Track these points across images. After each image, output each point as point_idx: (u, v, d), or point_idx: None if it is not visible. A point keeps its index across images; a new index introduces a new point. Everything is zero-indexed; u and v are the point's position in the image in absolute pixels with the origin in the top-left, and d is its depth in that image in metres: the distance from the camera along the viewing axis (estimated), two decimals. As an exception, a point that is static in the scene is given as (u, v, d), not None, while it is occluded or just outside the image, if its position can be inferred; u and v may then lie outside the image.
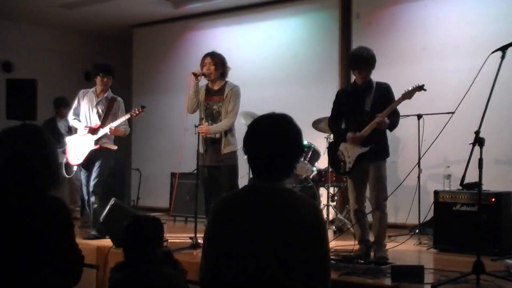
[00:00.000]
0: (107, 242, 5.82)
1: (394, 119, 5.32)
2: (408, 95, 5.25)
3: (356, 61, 5.38)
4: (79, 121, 6.58)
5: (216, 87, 5.96)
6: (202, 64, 5.96)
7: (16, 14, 10.20)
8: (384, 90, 5.41)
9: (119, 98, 6.63)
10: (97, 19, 10.52)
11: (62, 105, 8.67)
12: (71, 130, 8.57)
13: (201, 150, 5.93)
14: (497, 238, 5.60)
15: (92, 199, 6.35)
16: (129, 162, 10.55)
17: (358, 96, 5.44)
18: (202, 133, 5.84)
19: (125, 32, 11.16)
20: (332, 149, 5.66)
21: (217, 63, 5.89)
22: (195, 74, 5.87)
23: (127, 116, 6.42)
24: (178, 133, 8.04)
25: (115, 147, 6.57)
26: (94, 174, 6.43)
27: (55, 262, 2.66)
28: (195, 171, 6.29)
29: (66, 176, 7.19)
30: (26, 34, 10.80)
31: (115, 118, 6.50)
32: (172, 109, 9.72)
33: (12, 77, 9.21)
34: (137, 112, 6.44)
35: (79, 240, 6.23)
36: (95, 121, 6.48)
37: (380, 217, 5.39)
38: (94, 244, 5.90)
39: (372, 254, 5.41)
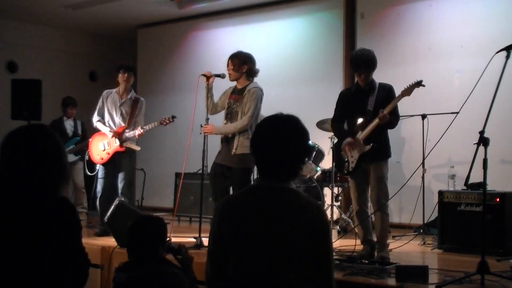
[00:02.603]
0: (111, 242, 5.83)
1: (391, 119, 5.31)
2: (407, 91, 5.26)
3: (356, 64, 5.41)
4: (103, 123, 6.70)
5: (239, 87, 5.96)
6: (227, 66, 6.00)
7: (21, 14, 10.23)
8: (387, 91, 5.42)
9: (142, 99, 6.80)
10: (102, 19, 10.54)
11: (71, 104, 8.67)
12: (77, 131, 8.61)
13: (219, 148, 5.96)
14: (502, 238, 5.58)
15: (122, 199, 6.44)
16: (134, 162, 10.55)
17: (361, 96, 5.46)
18: (206, 133, 5.86)
19: (130, 32, 11.18)
20: (337, 149, 5.68)
21: (235, 64, 5.89)
22: (205, 76, 5.90)
23: (156, 123, 6.54)
24: (182, 133, 8.05)
25: (138, 148, 6.76)
26: (121, 176, 6.62)
27: (64, 264, 2.66)
28: (200, 171, 6.30)
29: (89, 174, 7.23)
30: (31, 34, 10.83)
31: (138, 118, 6.66)
32: (176, 109, 9.68)
33: (16, 77, 9.25)
34: (168, 122, 6.54)
35: (86, 240, 6.31)
36: (119, 123, 6.62)
37: (381, 217, 5.39)
38: (99, 244, 5.92)
39: (375, 253, 5.42)
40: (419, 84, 5.26)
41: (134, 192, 9.48)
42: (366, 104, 5.39)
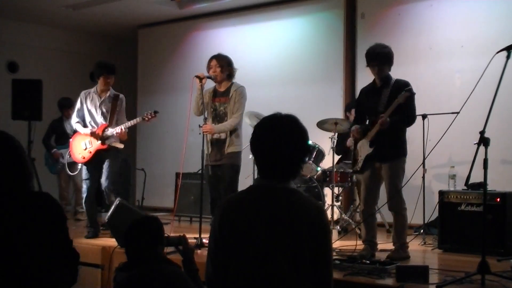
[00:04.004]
0: (112, 242, 5.83)
1: (396, 119, 5.24)
2: (401, 98, 5.20)
3: (368, 57, 5.37)
4: (83, 125, 6.63)
5: (222, 89, 6.03)
6: (209, 67, 6.03)
7: (21, 14, 10.23)
8: (401, 86, 5.29)
9: (121, 95, 6.70)
10: (103, 19, 10.54)
11: (67, 106, 8.69)
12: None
13: (207, 151, 5.98)
14: (503, 238, 5.58)
15: (113, 198, 6.42)
16: (134, 162, 10.57)
17: (375, 95, 5.42)
18: (206, 132, 5.89)
19: (130, 32, 11.18)
20: (355, 146, 5.66)
21: (223, 65, 5.96)
22: (198, 77, 5.92)
23: (139, 119, 6.46)
24: (183, 133, 8.05)
25: (122, 146, 6.64)
26: (105, 173, 6.51)
27: (53, 259, 2.68)
28: (200, 171, 6.31)
29: (70, 173, 7.23)
30: (31, 34, 10.83)
31: (119, 115, 6.59)
32: (177, 109, 9.74)
33: (17, 77, 9.24)
34: (150, 117, 6.46)
35: (86, 240, 6.31)
36: (101, 122, 6.54)
37: (395, 218, 5.40)
38: (99, 244, 5.92)
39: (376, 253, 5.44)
40: (409, 92, 5.20)
41: (128, 190, 9.45)
42: (378, 104, 5.34)
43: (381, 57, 5.32)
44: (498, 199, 5.67)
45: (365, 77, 8.16)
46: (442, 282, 4.19)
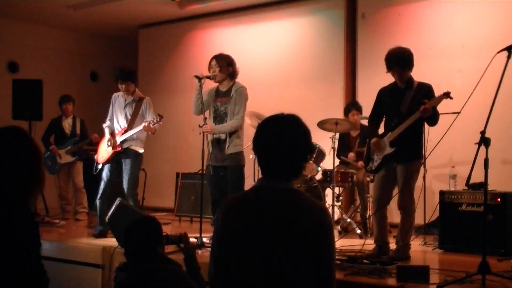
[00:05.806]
0: (112, 242, 5.83)
1: (434, 114, 5.23)
2: (439, 99, 5.21)
3: (388, 63, 5.34)
4: (110, 128, 6.75)
5: (224, 89, 6.03)
6: (209, 67, 6.03)
7: (21, 14, 10.23)
8: (426, 90, 5.31)
9: (146, 98, 6.77)
10: (103, 19, 10.54)
11: (65, 101, 8.63)
12: (75, 130, 8.60)
13: (208, 151, 5.99)
14: (503, 238, 5.59)
15: (131, 202, 6.46)
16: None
17: (396, 96, 5.41)
18: (206, 132, 5.90)
19: (131, 32, 11.18)
20: (368, 146, 5.67)
21: (222, 65, 5.96)
22: (197, 77, 5.93)
23: (145, 124, 6.45)
24: (183, 133, 8.05)
25: (142, 150, 6.73)
26: (126, 177, 6.60)
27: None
28: (200, 171, 6.31)
29: (94, 173, 7.25)
30: (32, 34, 10.84)
31: (142, 118, 6.63)
32: (177, 109, 9.73)
33: (18, 77, 9.25)
34: (155, 122, 6.48)
35: (86, 240, 6.32)
36: (123, 124, 6.66)
37: (403, 217, 5.41)
38: (100, 244, 5.92)
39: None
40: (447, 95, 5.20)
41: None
42: (400, 105, 5.35)
43: (402, 62, 5.30)
44: (499, 199, 5.67)
45: (365, 77, 8.20)
46: (442, 282, 4.19)
